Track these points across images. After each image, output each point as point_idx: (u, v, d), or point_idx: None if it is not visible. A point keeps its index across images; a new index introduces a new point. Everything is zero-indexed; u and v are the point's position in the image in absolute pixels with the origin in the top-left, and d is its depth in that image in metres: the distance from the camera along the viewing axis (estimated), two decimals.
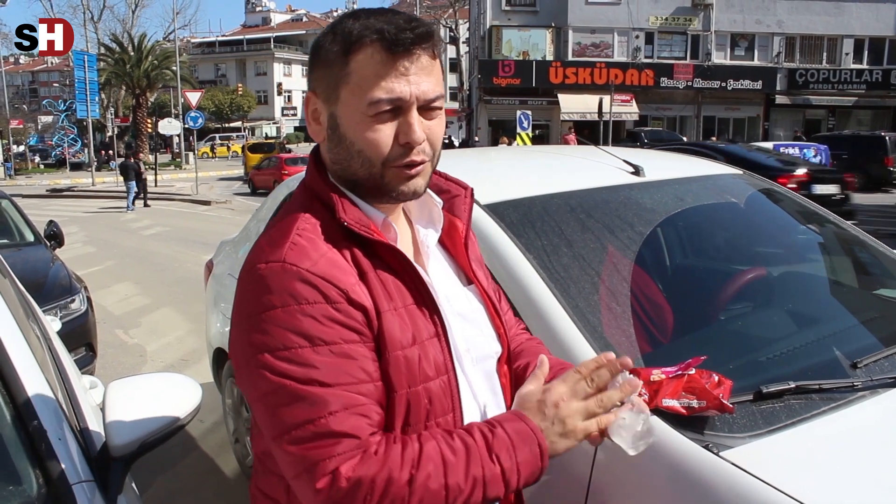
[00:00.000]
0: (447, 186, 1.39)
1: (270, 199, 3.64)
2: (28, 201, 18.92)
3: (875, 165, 22.31)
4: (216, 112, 59.27)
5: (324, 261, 1.11)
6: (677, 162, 3.11)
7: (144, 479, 3.71)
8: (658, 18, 34.19)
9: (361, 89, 1.12)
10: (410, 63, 1.13)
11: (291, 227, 1.15)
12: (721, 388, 1.45)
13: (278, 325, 1.07)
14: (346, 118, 1.15)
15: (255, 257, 1.14)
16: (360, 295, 1.11)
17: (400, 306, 1.16)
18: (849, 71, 34.42)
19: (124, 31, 44.77)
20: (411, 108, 1.14)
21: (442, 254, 1.36)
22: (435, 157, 1.22)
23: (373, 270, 1.15)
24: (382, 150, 1.14)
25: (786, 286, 2.47)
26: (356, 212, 1.18)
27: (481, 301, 1.35)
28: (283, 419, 1.07)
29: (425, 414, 1.16)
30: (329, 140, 1.19)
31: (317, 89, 1.19)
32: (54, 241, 6.44)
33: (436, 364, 1.18)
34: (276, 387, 1.07)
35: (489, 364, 1.33)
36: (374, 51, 1.12)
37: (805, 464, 1.46)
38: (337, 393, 1.06)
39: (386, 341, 1.13)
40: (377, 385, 1.11)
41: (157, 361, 6.20)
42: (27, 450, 1.33)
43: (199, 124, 24.92)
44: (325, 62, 1.16)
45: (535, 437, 1.13)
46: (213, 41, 76.43)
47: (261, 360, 1.07)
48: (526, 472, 1.12)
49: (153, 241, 14.09)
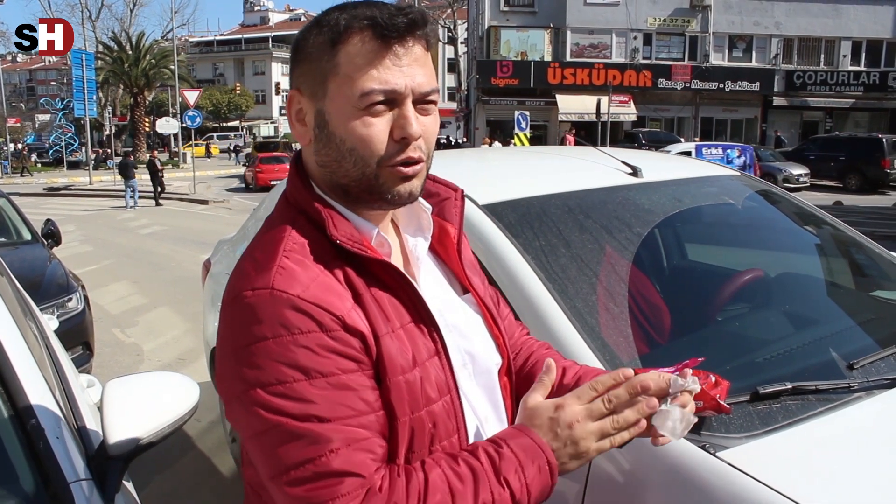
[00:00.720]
0: (436, 189, 1.29)
1: (268, 199, 3.64)
2: (25, 200, 18.90)
3: (872, 167, 22.38)
4: (214, 111, 59.28)
5: (315, 285, 1.02)
6: (675, 163, 3.12)
7: (142, 478, 3.71)
8: (656, 20, 34.23)
9: (352, 80, 1.04)
10: (404, 51, 1.05)
11: (278, 249, 1.06)
12: (718, 389, 1.45)
13: (270, 357, 0.99)
14: (335, 113, 1.06)
15: (240, 284, 1.05)
16: (357, 320, 1.03)
17: (398, 327, 1.08)
18: (846, 73, 34.50)
19: (122, 29, 44.90)
20: (406, 100, 1.06)
21: (434, 262, 1.27)
22: (429, 158, 1.13)
23: (367, 290, 1.07)
24: (377, 146, 1.05)
25: (783, 287, 2.47)
26: (347, 227, 1.09)
27: (478, 311, 1.27)
28: (280, 459, 0.99)
29: (430, 438, 1.09)
30: (316, 140, 1.10)
31: (301, 86, 1.11)
32: (51, 239, 6.43)
33: (438, 384, 1.11)
34: (271, 425, 0.99)
35: (489, 377, 1.25)
36: (364, 38, 1.04)
37: (801, 464, 1.46)
38: (337, 428, 0.99)
39: (386, 367, 1.05)
40: (378, 415, 1.03)
41: (154, 360, 6.20)
42: (25, 448, 1.33)
43: (197, 123, 24.89)
44: (310, 56, 1.08)
45: (542, 453, 1.06)
46: (211, 40, 76.43)
47: (253, 397, 0.99)
48: (536, 491, 1.05)
49: (150, 240, 14.09)
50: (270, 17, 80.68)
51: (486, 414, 1.22)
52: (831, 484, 1.39)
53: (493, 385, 1.26)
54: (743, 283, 2.32)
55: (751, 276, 2.35)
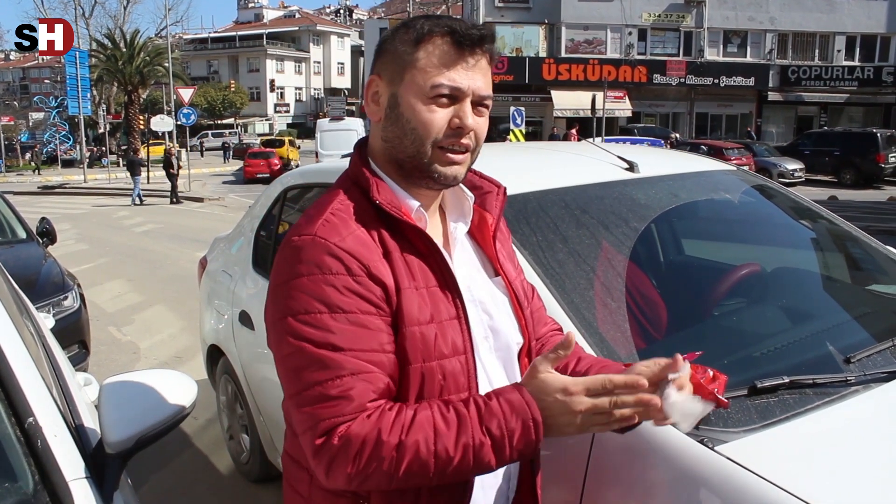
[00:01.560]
0: (480, 183, 1.46)
1: (264, 197, 3.64)
2: (19, 198, 18.84)
3: (866, 162, 22.44)
4: (209, 109, 59.07)
5: (352, 238, 1.20)
6: (671, 158, 3.12)
7: (139, 476, 3.71)
8: (651, 15, 34.25)
9: (426, 73, 1.23)
10: (473, 59, 1.25)
11: (327, 206, 1.25)
12: (716, 383, 1.45)
13: (303, 291, 1.16)
14: (406, 98, 1.25)
15: (292, 231, 1.25)
16: (382, 271, 1.20)
17: (422, 286, 1.23)
18: (841, 68, 34.56)
19: (116, 27, 44.50)
20: (466, 98, 1.24)
21: (472, 246, 1.42)
22: (476, 151, 1.30)
23: (399, 251, 1.24)
24: (436, 130, 1.24)
25: (779, 282, 2.48)
26: (389, 194, 1.27)
27: (505, 293, 1.40)
28: (298, 379, 1.16)
29: (439, 389, 1.22)
30: (386, 118, 1.28)
31: (381, 73, 1.30)
32: (46, 238, 6.39)
33: (453, 344, 1.24)
34: (295, 348, 1.16)
35: (508, 353, 1.38)
36: (443, 42, 1.24)
37: (799, 458, 1.47)
38: (348, 359, 1.14)
39: (404, 316, 1.20)
40: (388, 356, 1.19)
41: (151, 358, 6.19)
42: (23, 447, 1.32)
43: (192, 121, 24.85)
44: (394, 50, 1.28)
45: (527, 409, 1.14)
46: (205, 38, 76.03)
47: (284, 324, 1.17)
48: (519, 444, 1.14)
49: (146, 238, 14.05)
50: (265, 14, 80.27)
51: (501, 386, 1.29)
52: (829, 477, 1.39)
53: (512, 361, 1.38)
54: (739, 277, 2.32)
55: (747, 270, 2.36)
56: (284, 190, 3.36)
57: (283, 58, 71.38)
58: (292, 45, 72.75)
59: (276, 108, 69.08)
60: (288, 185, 3.36)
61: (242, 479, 3.85)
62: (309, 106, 71.23)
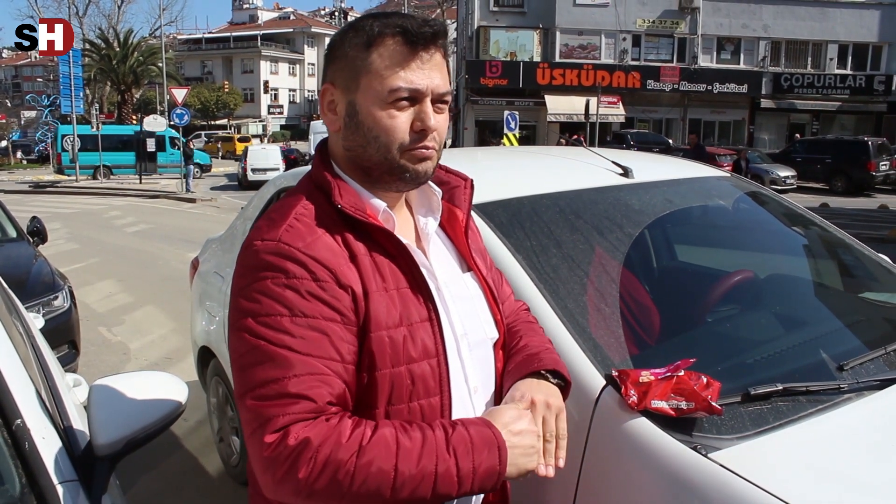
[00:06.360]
0: (447, 178, 1.45)
1: (257, 198, 3.63)
2: (10, 197, 18.73)
3: (858, 170, 22.55)
4: (202, 109, 58.89)
5: (317, 243, 1.17)
6: (666, 164, 3.12)
7: (128, 478, 3.68)
8: (645, 21, 34.33)
9: (382, 78, 1.21)
10: (428, 57, 1.22)
11: (290, 211, 1.22)
12: (709, 390, 1.46)
13: (265, 294, 1.14)
14: (364, 105, 1.23)
15: (254, 235, 1.22)
16: (349, 276, 1.17)
17: (392, 287, 1.22)
18: (833, 76, 34.71)
19: (110, 26, 44.50)
20: (426, 98, 1.22)
21: (443, 241, 1.41)
22: (440, 148, 1.28)
23: (367, 254, 1.21)
24: (399, 135, 1.22)
25: (773, 289, 2.48)
26: (353, 196, 1.24)
27: (479, 287, 1.40)
28: (252, 377, 1.12)
29: (408, 394, 1.20)
30: (346, 127, 1.26)
31: (335, 80, 1.27)
32: (37, 237, 6.35)
33: (424, 347, 1.22)
34: (251, 347, 1.13)
35: (485, 349, 1.37)
36: (395, 43, 1.21)
37: (792, 465, 1.46)
38: (304, 360, 1.11)
39: (371, 321, 1.18)
40: (347, 367, 1.16)
41: (141, 359, 6.15)
42: (10, 449, 1.31)
43: (185, 121, 24.75)
44: (346, 55, 1.24)
45: (496, 441, 1.15)
46: (199, 38, 75.82)
47: (243, 324, 1.15)
48: (483, 475, 1.13)
49: (137, 238, 13.98)
50: (259, 15, 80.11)
51: (476, 384, 1.33)
52: (822, 485, 1.39)
53: (488, 356, 1.38)
54: (733, 284, 2.33)
55: (741, 277, 2.36)
56: (277, 192, 3.35)
57: (277, 59, 71.25)
58: (287, 47, 72.61)
59: (269, 110, 68.88)
60: (281, 187, 3.35)
61: (232, 482, 3.83)
62: (303, 108, 71.05)
